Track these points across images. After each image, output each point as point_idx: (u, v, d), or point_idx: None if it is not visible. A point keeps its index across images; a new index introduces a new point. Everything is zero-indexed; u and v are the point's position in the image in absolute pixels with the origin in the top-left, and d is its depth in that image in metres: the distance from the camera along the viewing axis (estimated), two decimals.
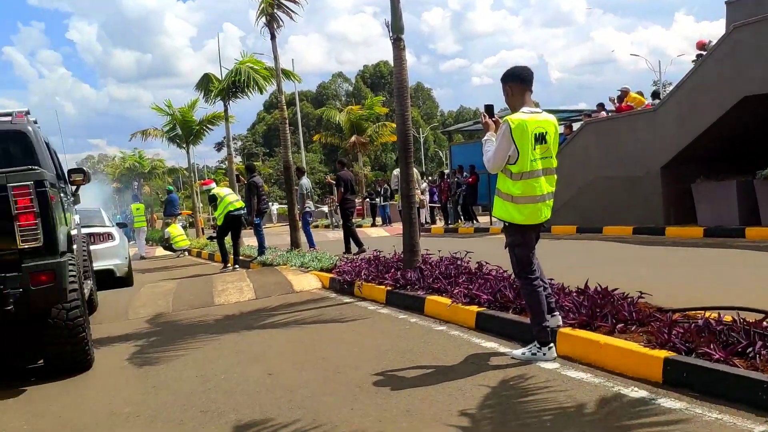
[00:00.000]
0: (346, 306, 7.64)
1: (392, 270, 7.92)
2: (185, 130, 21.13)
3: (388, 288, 7.43)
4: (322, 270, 10.07)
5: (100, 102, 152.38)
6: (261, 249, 12.97)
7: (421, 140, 74.25)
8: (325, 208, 31.86)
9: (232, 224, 12.82)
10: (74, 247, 6.54)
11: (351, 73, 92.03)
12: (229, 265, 12.95)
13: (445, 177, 22.20)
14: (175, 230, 20.06)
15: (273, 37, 12.02)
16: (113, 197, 39.06)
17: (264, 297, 9.01)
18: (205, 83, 16.73)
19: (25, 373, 5.73)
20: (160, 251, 22.18)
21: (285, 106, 12.55)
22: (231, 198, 12.76)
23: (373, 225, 27.08)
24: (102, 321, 8.24)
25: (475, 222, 20.15)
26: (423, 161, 75.13)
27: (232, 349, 5.91)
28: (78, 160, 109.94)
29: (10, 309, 4.77)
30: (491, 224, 17.67)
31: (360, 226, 24.29)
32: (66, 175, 7.16)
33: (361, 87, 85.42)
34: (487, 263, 7.20)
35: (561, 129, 20.08)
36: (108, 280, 11.50)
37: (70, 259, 5.38)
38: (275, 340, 6.16)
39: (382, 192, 28.21)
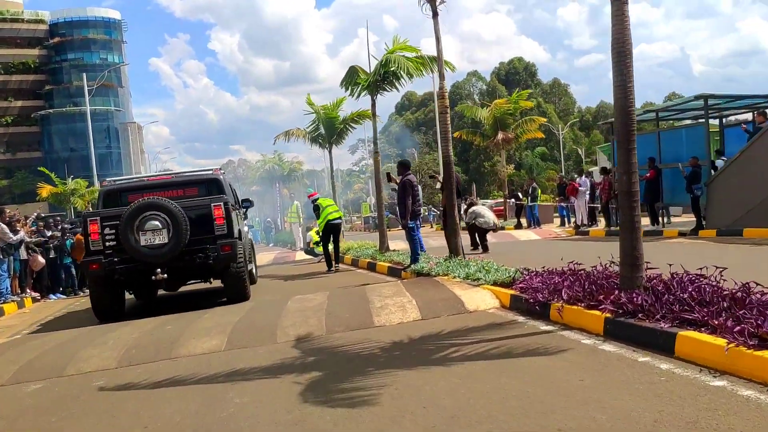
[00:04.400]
0: (547, 336, 5.91)
1: (605, 289, 6.10)
2: (328, 130, 20.19)
3: (607, 315, 5.63)
4: (496, 284, 8.39)
5: (240, 109, 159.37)
6: (415, 256, 11.50)
7: (560, 138, 70.60)
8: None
9: (332, 231, 14.71)
10: (242, 239, 11.00)
11: (484, 72, 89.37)
12: (333, 268, 14.58)
13: (608, 173, 19.83)
14: (317, 235, 19.25)
15: (435, 14, 10.52)
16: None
17: (432, 317, 7.48)
18: (351, 77, 15.56)
19: (217, 304, 10.47)
20: (300, 255, 21.41)
21: (446, 93, 10.98)
22: (331, 209, 14.76)
23: (518, 227, 25.08)
24: (248, 344, 7.05)
25: (656, 224, 17.67)
26: (561, 160, 71.54)
27: (416, 400, 4.39)
28: (219, 165, 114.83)
29: (211, 263, 9.85)
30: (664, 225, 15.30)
31: (502, 228, 22.41)
32: (240, 201, 12.61)
33: (496, 84, 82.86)
34: (756, 284, 5.22)
35: (751, 116, 17.31)
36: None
37: (239, 243, 10.29)
38: (469, 388, 4.57)
39: (530, 192, 26.14)
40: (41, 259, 14.81)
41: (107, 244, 9.75)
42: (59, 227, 16.02)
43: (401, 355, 5.79)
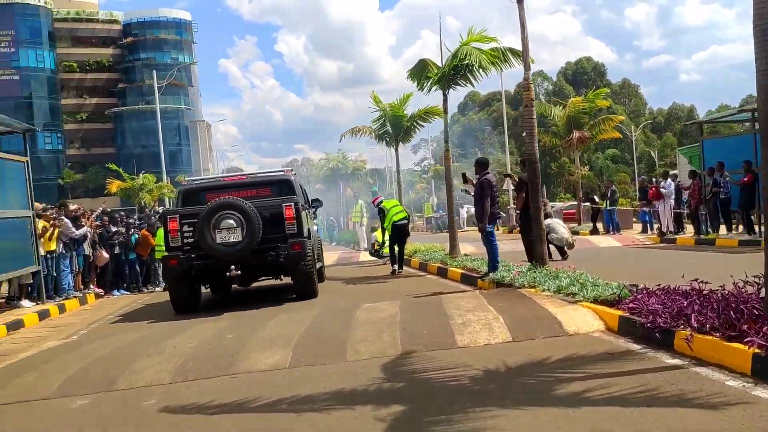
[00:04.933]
0: (678, 374, 4.84)
1: (745, 316, 5.02)
2: (395, 127, 19.39)
3: (756, 350, 4.56)
4: (597, 302, 7.34)
5: (305, 109, 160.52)
6: (493, 263, 10.52)
7: (633, 141, 67.93)
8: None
9: (398, 233, 14.20)
10: (311, 238, 11.26)
11: (550, 72, 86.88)
12: (396, 267, 14.13)
13: (697, 177, 18.34)
14: (382, 235, 18.50)
15: (520, 0, 9.55)
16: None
17: (525, 339, 6.51)
18: (421, 71, 14.68)
19: (287, 300, 10.87)
20: (364, 256, 20.66)
21: (531, 85, 9.98)
22: (396, 209, 14.30)
23: (594, 232, 23.67)
24: (315, 360, 6.27)
25: (753, 233, 16.15)
26: (633, 163, 68.89)
27: None
28: (283, 164, 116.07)
29: (282, 261, 10.16)
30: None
31: (576, 233, 21.12)
32: (309, 200, 12.88)
33: (563, 84, 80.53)
34: None
35: None
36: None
37: (308, 242, 10.59)
38: None
39: (608, 195, 24.68)
40: (105, 255, 14.50)
41: (185, 240, 10.21)
42: (124, 222, 15.70)
43: (498, 388, 4.87)
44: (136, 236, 15.34)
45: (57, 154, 70.45)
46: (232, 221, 9.93)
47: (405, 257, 16.09)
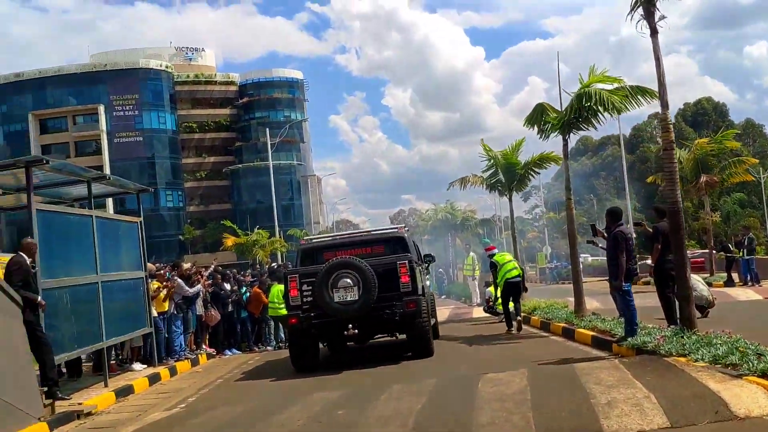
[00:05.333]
0: None
1: None
2: (508, 175, 18.53)
3: None
4: (766, 375, 6.13)
5: (411, 160, 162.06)
6: (631, 326, 9.31)
7: (762, 183, 63.05)
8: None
9: (511, 290, 13.47)
10: (425, 294, 11.23)
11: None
12: (512, 328, 13.26)
13: None
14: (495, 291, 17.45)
15: (653, 32, 8.62)
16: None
17: (686, 425, 5.40)
18: (538, 116, 13.84)
19: (403, 358, 10.75)
20: (477, 312, 19.62)
21: (671, 125, 8.90)
22: (509, 266, 13.59)
23: (728, 284, 21.47)
24: None
25: None
26: (763, 207, 63.82)
27: None
28: (390, 215, 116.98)
29: (397, 319, 10.32)
30: None
31: (709, 284, 19.13)
32: (422, 256, 12.92)
33: (682, 126, 76.57)
34: None
35: None
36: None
37: (423, 299, 10.65)
38: None
39: (745, 243, 22.46)
40: (217, 314, 14.36)
41: (305, 299, 10.43)
42: (236, 280, 15.61)
43: None
44: (248, 294, 15.17)
45: (178, 211, 74.08)
46: (349, 280, 10.12)
47: (525, 315, 15.03)
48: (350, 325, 10.24)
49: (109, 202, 50.11)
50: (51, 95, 70.08)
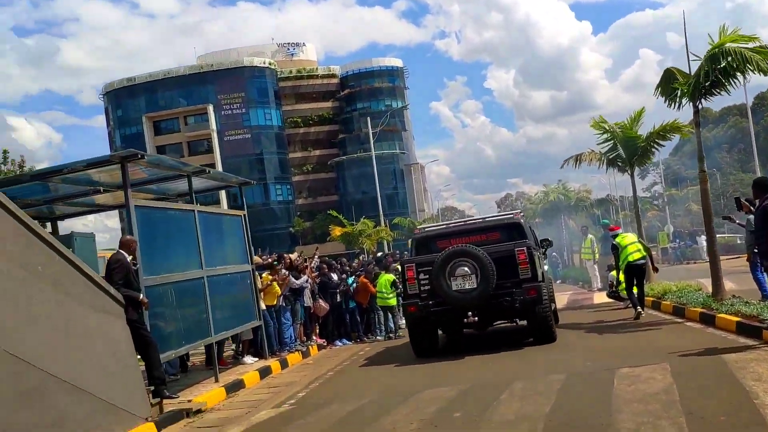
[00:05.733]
0: None
1: None
2: (627, 149, 17.07)
3: None
4: None
5: (516, 143, 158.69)
6: None
7: None
8: None
9: (634, 273, 12.61)
10: (544, 280, 10.94)
11: None
12: (640, 310, 12.18)
13: None
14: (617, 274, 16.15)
15: None
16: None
17: None
18: (665, 84, 12.53)
19: (525, 344, 10.50)
20: (599, 298, 18.37)
21: None
22: (632, 248, 12.58)
23: None
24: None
25: None
26: None
27: None
28: (497, 199, 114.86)
29: (518, 306, 10.09)
30: None
31: None
32: (539, 241, 12.56)
33: None
34: None
35: None
36: None
37: (543, 285, 10.47)
38: None
39: None
40: (324, 305, 14.06)
41: (422, 288, 10.44)
42: (343, 269, 15.29)
43: None
44: (355, 284, 14.79)
45: (287, 205, 75.79)
46: (466, 268, 10.04)
47: (654, 299, 13.85)
48: (470, 313, 10.22)
49: (223, 197, 51.75)
50: (162, 97, 73.31)
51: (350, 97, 79.75)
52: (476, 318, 10.30)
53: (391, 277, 14.46)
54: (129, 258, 7.95)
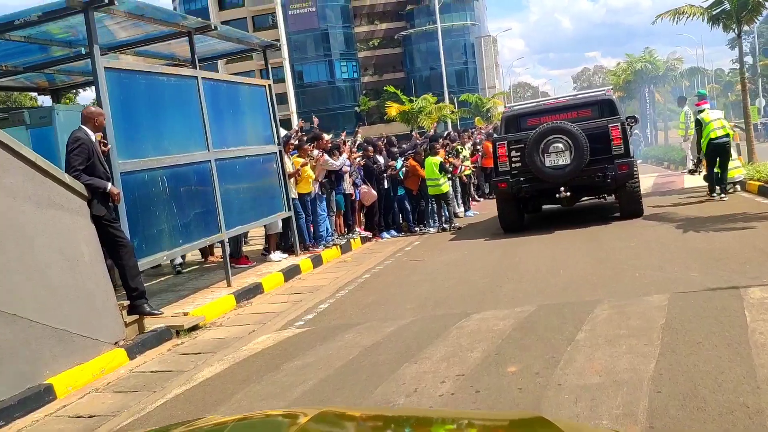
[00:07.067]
0: None
1: None
2: (735, 3, 14.00)
3: None
4: None
5: (595, 13, 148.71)
6: None
7: None
8: None
9: (716, 152, 11.75)
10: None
11: None
12: (716, 195, 11.77)
13: None
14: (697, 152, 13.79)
15: None
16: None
17: None
18: None
19: (610, 219, 10.76)
20: (688, 181, 15.85)
21: None
22: (716, 124, 11.77)
23: None
24: None
25: None
26: None
27: None
28: (573, 74, 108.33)
29: (609, 182, 10.27)
30: None
31: None
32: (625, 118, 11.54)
33: None
34: None
35: None
36: None
37: (634, 161, 10.72)
38: None
39: None
40: (372, 192, 12.22)
41: (513, 165, 10.69)
42: (389, 151, 13.27)
43: None
44: (405, 168, 12.80)
45: (353, 83, 73.10)
46: (560, 145, 10.26)
47: (763, 183, 11.66)
48: (562, 189, 10.45)
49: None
50: None
51: None
52: (568, 193, 10.52)
53: (437, 160, 12.37)
54: (95, 136, 6.15)
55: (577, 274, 7.04)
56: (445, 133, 18.39)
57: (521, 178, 10.55)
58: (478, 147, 17.12)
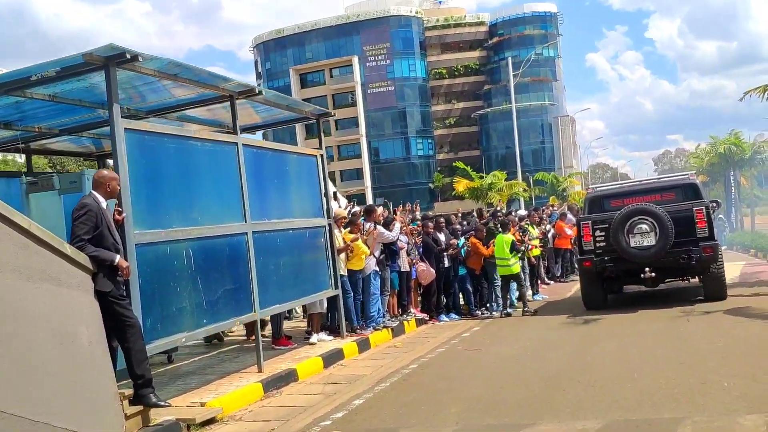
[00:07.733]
0: None
1: None
2: None
3: None
4: None
5: (678, 97, 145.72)
6: None
7: None
8: None
9: None
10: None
11: None
12: None
13: None
14: None
15: None
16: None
17: None
18: None
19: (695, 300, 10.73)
20: None
21: None
22: None
23: None
24: None
25: None
26: None
27: None
28: (654, 156, 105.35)
29: (694, 264, 10.36)
30: None
31: None
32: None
33: None
34: None
35: None
36: None
37: (718, 245, 10.76)
38: None
39: None
40: (431, 270, 11.34)
41: (598, 244, 10.88)
42: (449, 228, 12.43)
43: None
44: (466, 247, 11.91)
45: (428, 159, 73.38)
46: (645, 226, 10.45)
47: None
48: (647, 269, 10.54)
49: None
50: (309, 50, 72.79)
51: (498, 46, 74.82)
52: (653, 274, 10.60)
53: (509, 238, 11.44)
54: (104, 203, 5.61)
55: (655, 381, 5.90)
56: (508, 210, 17.49)
57: (605, 257, 10.73)
58: (548, 227, 16.10)
